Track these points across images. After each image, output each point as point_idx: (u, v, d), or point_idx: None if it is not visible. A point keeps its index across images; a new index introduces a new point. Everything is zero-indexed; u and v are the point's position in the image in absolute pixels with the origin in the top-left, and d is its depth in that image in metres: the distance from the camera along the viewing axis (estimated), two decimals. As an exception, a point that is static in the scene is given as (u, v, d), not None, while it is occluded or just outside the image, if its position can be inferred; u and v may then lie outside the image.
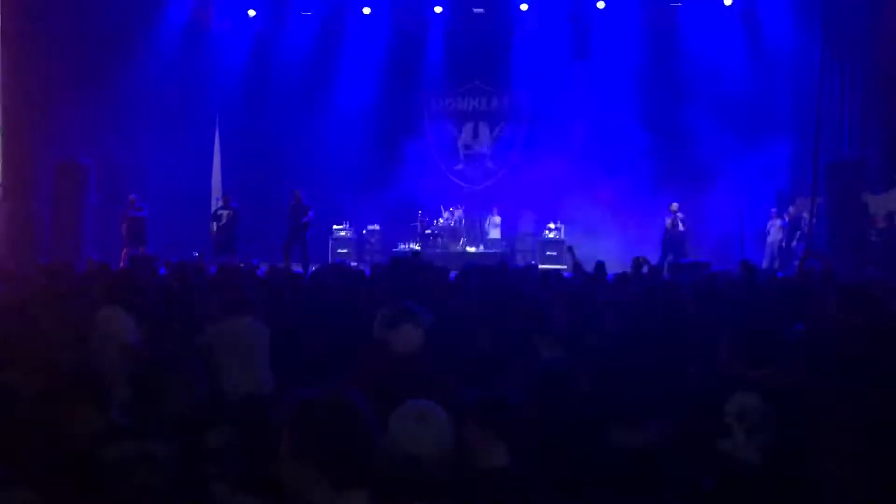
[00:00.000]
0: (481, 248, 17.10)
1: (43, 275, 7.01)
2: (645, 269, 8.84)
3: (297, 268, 12.65)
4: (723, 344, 3.88)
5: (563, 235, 16.70)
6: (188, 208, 16.41)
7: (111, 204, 15.22)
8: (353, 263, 13.98)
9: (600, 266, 8.31)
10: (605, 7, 17.08)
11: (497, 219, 17.46)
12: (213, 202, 16.56)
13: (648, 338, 4.79)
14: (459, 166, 18.77)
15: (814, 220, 13.97)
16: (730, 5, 16.51)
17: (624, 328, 5.16)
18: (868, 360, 3.79)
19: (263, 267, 9.76)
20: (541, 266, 12.84)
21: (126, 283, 5.39)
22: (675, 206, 15.59)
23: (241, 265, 9.91)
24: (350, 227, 17.54)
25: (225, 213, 15.36)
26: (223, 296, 5.14)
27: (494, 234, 17.44)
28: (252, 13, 17.60)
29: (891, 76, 13.73)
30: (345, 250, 17.04)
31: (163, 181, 16.02)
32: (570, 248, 10.37)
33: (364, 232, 17.66)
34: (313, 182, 17.45)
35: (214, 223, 15.48)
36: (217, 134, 17.71)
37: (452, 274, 8.35)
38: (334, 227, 17.48)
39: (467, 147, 18.61)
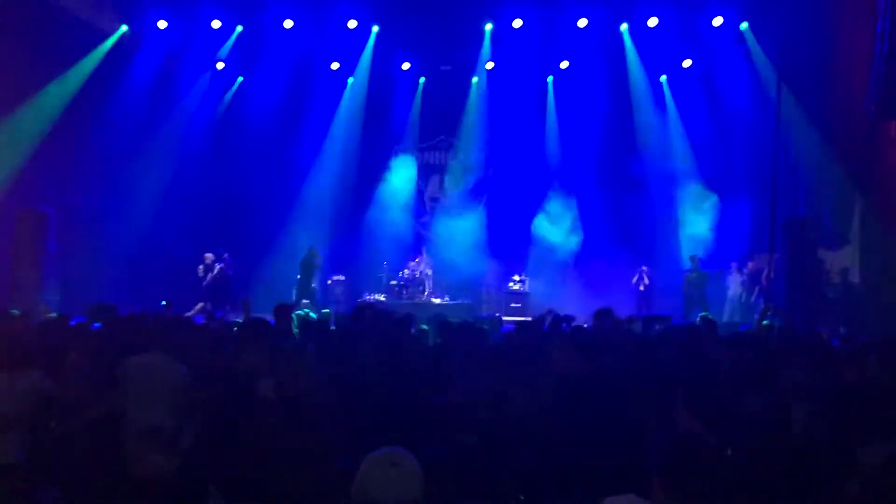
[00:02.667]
0: (446, 299, 17.12)
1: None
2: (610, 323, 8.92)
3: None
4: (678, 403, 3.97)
5: (527, 287, 16.85)
6: (149, 259, 16.18)
7: (70, 253, 15.04)
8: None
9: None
10: (568, 67, 17.53)
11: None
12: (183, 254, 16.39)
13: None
14: (426, 217, 18.90)
15: (772, 275, 14.31)
16: (689, 67, 17.04)
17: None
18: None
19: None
20: (505, 318, 12.92)
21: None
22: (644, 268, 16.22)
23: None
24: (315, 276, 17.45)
25: (218, 266, 15.82)
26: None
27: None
28: (221, 66, 17.71)
29: (843, 138, 14.22)
30: (307, 300, 16.89)
31: (123, 231, 15.87)
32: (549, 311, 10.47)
33: (329, 282, 17.60)
34: (278, 231, 17.51)
35: (209, 274, 15.78)
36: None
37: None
38: (298, 276, 17.37)
39: (433, 199, 18.76)
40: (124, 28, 16.16)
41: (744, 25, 15.78)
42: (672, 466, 2.69)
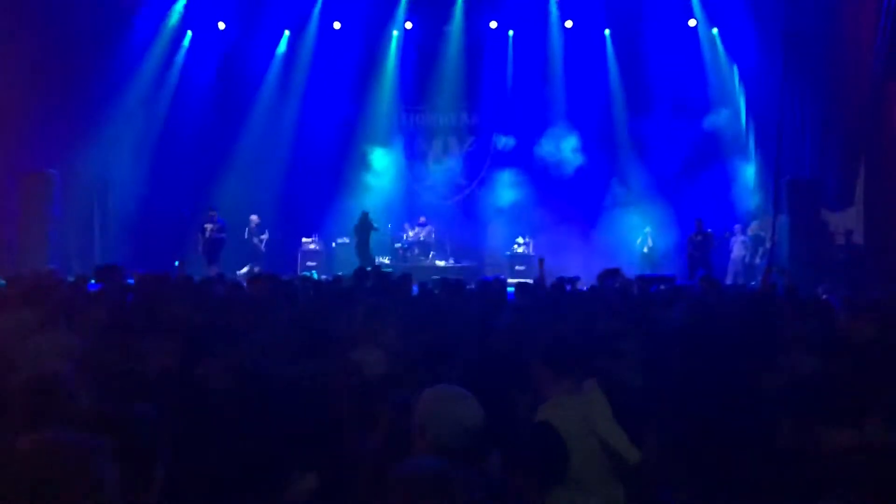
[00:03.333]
0: (451, 261, 17.18)
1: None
2: (617, 283, 8.99)
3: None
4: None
5: (531, 250, 16.88)
6: (156, 220, 16.23)
7: (75, 215, 15.09)
8: (324, 277, 13.99)
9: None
10: (573, 26, 17.38)
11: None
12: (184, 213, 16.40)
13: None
14: (429, 181, 18.85)
15: (776, 237, 14.35)
16: (694, 27, 16.90)
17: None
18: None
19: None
20: (510, 280, 13.00)
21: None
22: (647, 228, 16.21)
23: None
24: (319, 239, 17.51)
25: (210, 226, 15.48)
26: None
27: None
28: (222, 26, 17.56)
29: (848, 99, 14.16)
30: (313, 263, 16.95)
31: (126, 191, 15.90)
32: (541, 260, 10.63)
33: (333, 245, 17.64)
34: (282, 193, 17.50)
35: (200, 235, 15.59)
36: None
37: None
38: (303, 239, 17.43)
39: (437, 162, 18.71)
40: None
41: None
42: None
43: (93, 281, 9.08)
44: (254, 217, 16.67)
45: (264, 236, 16.76)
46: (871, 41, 13.05)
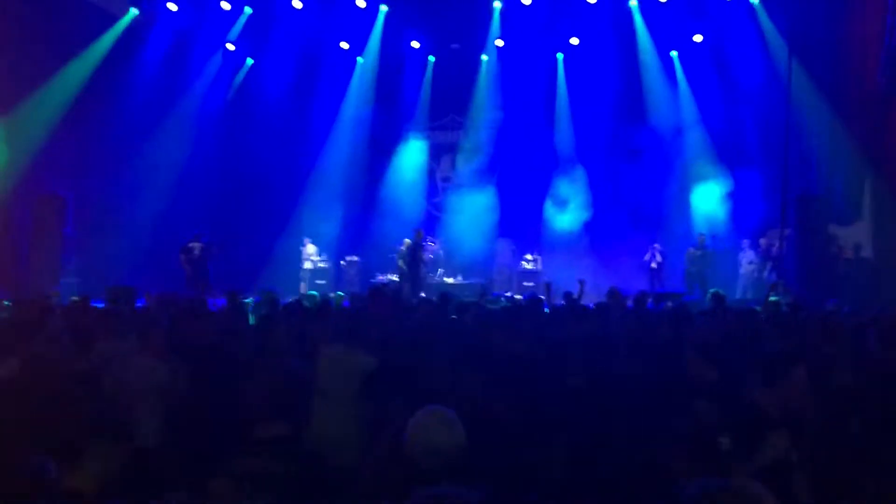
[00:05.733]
0: (459, 278, 17.23)
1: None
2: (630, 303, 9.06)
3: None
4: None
5: (540, 266, 16.91)
6: (166, 241, 16.33)
7: (87, 236, 15.23)
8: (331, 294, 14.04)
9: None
10: (579, 44, 17.48)
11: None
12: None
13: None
14: (437, 198, 18.95)
15: (783, 252, 14.33)
16: (700, 42, 16.97)
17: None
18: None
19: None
20: (517, 296, 13.03)
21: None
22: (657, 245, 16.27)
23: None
24: (328, 257, 17.60)
25: (196, 246, 15.28)
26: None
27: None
28: (231, 47, 17.78)
29: (854, 113, 14.16)
30: (323, 281, 17.04)
31: (139, 214, 16.02)
32: (547, 285, 10.64)
33: (342, 263, 17.73)
34: (291, 212, 17.66)
35: (183, 256, 15.25)
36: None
37: None
38: (309, 253, 17.55)
39: (445, 179, 18.81)
40: (134, 11, 16.21)
41: (755, 0, 15.67)
42: None
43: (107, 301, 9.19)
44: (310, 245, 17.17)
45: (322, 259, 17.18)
46: (876, 55, 13.06)
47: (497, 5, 16.77)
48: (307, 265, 17.40)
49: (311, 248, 17.50)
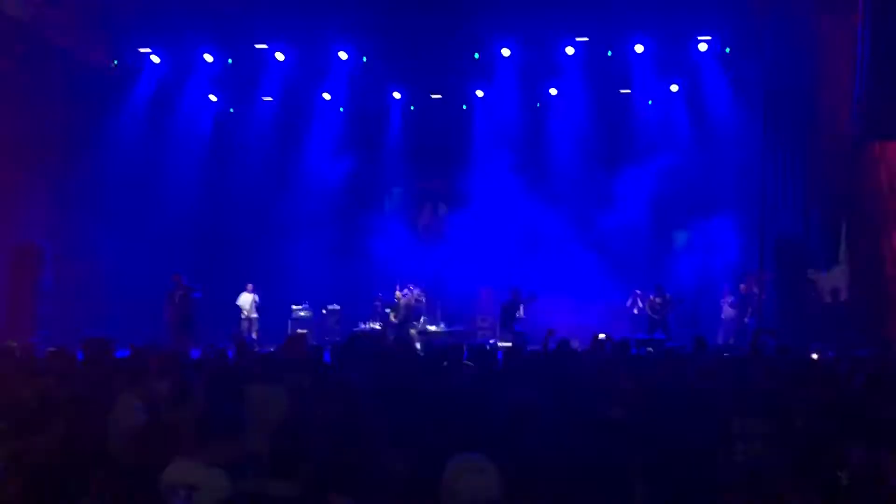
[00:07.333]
0: (441, 326, 17.14)
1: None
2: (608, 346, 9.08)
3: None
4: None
5: (522, 313, 16.85)
6: (146, 291, 16.18)
7: (66, 286, 15.06)
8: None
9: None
10: (558, 93, 17.75)
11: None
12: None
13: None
14: (419, 245, 18.93)
15: (763, 296, 14.42)
16: (676, 91, 17.29)
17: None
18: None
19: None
20: (500, 343, 12.98)
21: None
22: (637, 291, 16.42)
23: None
24: (309, 306, 17.49)
25: (178, 293, 15.08)
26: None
27: None
28: (213, 98, 17.90)
29: (828, 158, 14.39)
30: (304, 330, 16.85)
31: (119, 264, 15.89)
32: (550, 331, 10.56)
33: (324, 311, 17.62)
34: (272, 261, 17.58)
35: (168, 306, 15.08)
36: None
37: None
38: (293, 306, 17.42)
39: (427, 227, 18.85)
40: (116, 63, 16.34)
41: (728, 50, 16.03)
42: None
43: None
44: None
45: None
46: (848, 102, 13.33)
47: (476, 56, 17.04)
48: (244, 314, 16.85)
49: (245, 298, 16.92)
